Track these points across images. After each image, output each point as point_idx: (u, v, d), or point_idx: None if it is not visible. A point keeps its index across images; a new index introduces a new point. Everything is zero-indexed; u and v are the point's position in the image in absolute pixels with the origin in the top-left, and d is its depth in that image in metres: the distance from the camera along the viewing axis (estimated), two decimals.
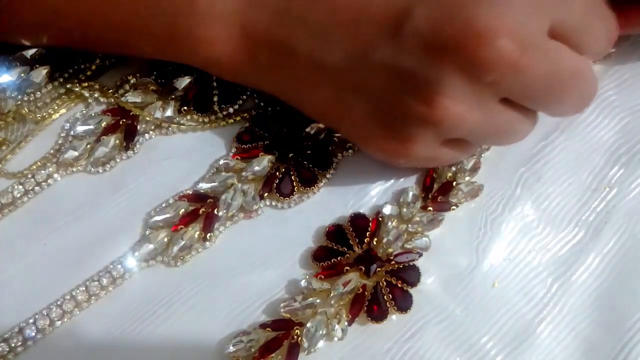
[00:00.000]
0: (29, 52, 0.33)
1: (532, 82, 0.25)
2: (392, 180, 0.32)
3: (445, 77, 0.24)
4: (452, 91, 0.25)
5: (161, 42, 0.29)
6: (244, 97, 0.33)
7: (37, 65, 0.33)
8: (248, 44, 0.28)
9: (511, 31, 0.24)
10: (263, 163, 0.31)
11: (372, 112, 0.27)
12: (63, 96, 0.33)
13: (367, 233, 0.30)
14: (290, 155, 0.32)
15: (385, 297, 0.29)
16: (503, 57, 0.24)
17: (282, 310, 0.29)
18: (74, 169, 0.32)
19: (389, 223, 0.30)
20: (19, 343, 0.28)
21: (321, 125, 0.32)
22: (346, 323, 0.29)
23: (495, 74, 0.24)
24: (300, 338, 0.28)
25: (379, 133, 0.27)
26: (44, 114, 0.32)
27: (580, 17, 0.26)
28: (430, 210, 0.31)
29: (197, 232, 0.30)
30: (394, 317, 0.29)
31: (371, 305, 0.29)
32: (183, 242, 0.30)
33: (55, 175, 0.31)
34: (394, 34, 0.25)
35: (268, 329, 0.28)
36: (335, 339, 0.28)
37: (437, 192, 0.31)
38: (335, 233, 0.30)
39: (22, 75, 0.32)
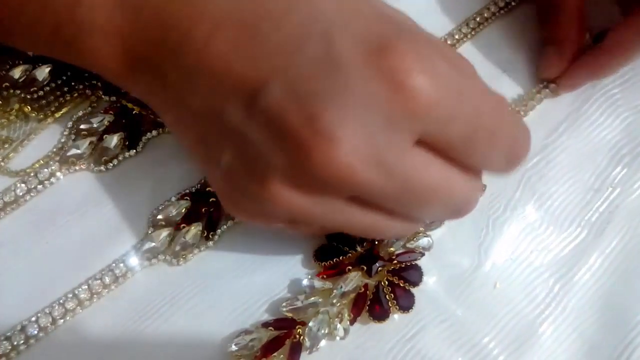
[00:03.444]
0: None
1: (377, 194, 0.23)
2: None
3: (279, 163, 0.22)
4: (285, 179, 0.23)
5: (47, 44, 0.28)
6: None
7: (40, 64, 0.33)
8: (128, 61, 0.26)
9: (355, 143, 0.21)
10: None
11: (225, 171, 0.25)
12: (66, 94, 0.33)
13: None
14: None
15: (387, 296, 0.29)
16: (337, 169, 0.21)
17: (284, 309, 0.29)
18: (77, 168, 0.32)
19: None
20: (22, 341, 0.28)
21: None
22: (348, 322, 0.29)
23: (327, 182, 0.22)
24: (302, 337, 0.28)
25: (230, 194, 0.26)
26: (47, 112, 0.32)
27: (460, 136, 0.23)
28: None
29: (200, 231, 0.30)
30: (396, 316, 0.29)
31: (373, 305, 0.29)
32: (186, 241, 0.30)
33: (58, 174, 0.31)
34: (247, 103, 0.23)
35: (270, 328, 0.28)
36: (338, 338, 0.28)
37: None
38: (337, 232, 0.30)
39: (26, 73, 0.32)
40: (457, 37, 0.35)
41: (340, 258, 0.30)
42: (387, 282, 0.29)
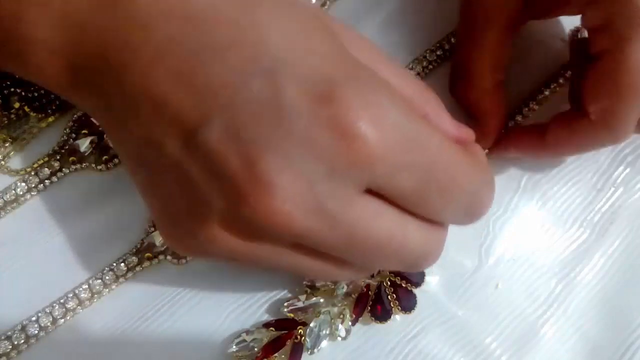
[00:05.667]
0: None
1: (322, 244, 0.22)
2: None
3: (217, 206, 0.21)
4: (223, 222, 0.22)
5: None
6: None
7: None
8: (72, 79, 0.24)
9: (293, 191, 0.20)
10: None
11: (164, 204, 0.24)
12: None
13: None
14: None
15: (389, 296, 0.29)
16: (274, 217, 0.20)
17: (285, 309, 0.29)
18: (78, 167, 0.31)
19: None
20: (22, 341, 0.28)
21: None
22: (350, 323, 0.29)
23: (264, 230, 0.21)
24: (303, 338, 0.28)
25: (170, 227, 0.24)
26: (48, 110, 0.32)
27: (410, 188, 0.22)
28: None
29: None
30: (397, 317, 0.29)
31: (375, 305, 0.29)
32: None
33: (59, 173, 0.31)
34: (186, 138, 0.21)
35: (271, 328, 0.28)
36: (339, 338, 0.28)
37: None
38: None
39: None
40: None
41: None
42: (389, 283, 0.29)
